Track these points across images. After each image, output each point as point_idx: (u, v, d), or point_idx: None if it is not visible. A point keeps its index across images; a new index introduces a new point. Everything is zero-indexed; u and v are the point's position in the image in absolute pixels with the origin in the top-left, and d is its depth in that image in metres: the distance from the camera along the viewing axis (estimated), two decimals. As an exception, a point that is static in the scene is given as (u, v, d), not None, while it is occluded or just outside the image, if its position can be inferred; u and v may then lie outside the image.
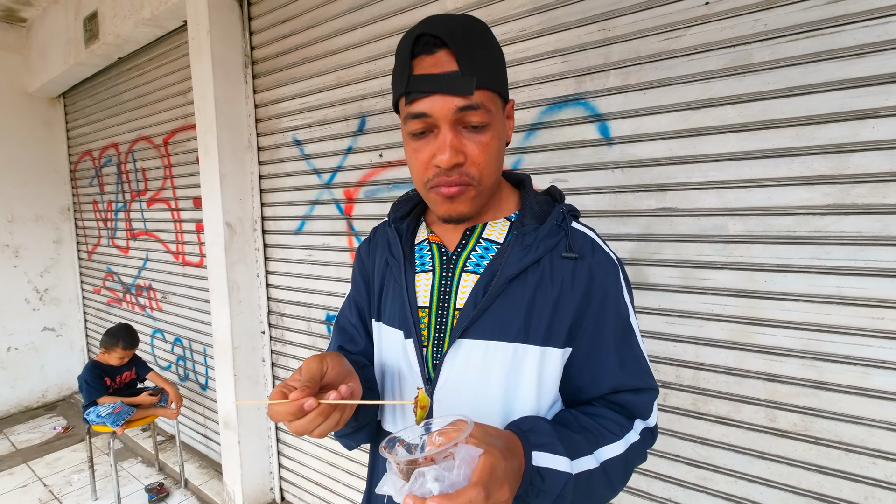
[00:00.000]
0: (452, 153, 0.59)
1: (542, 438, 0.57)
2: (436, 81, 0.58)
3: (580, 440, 0.61)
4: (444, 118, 0.59)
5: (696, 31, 1.13)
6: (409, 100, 0.61)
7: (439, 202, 0.64)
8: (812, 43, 1.01)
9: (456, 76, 0.57)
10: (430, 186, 0.63)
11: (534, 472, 0.53)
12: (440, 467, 0.45)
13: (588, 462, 0.60)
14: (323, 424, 0.54)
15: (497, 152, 0.63)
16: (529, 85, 1.40)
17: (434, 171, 0.62)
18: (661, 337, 1.24)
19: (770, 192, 1.08)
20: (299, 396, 0.51)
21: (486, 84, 0.60)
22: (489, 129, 0.61)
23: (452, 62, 0.58)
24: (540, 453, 0.55)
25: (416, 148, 0.63)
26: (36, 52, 3.60)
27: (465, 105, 0.58)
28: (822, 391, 1.07)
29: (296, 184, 2.16)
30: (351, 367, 0.63)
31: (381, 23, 1.74)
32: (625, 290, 0.69)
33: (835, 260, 1.03)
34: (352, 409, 0.58)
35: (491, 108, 0.60)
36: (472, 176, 0.61)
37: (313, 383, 0.54)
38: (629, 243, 1.27)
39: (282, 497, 2.49)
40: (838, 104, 0.99)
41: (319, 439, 2.19)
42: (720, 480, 1.20)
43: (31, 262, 3.91)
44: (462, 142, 0.60)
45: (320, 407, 0.52)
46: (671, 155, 1.19)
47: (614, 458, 0.62)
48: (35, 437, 3.37)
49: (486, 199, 0.66)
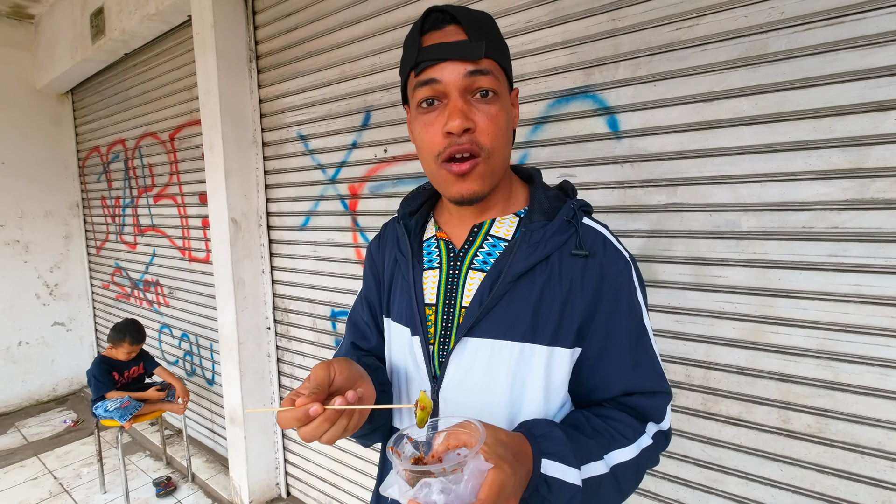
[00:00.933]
0: (463, 118, 0.59)
1: (554, 447, 0.55)
2: (445, 48, 0.59)
3: (592, 445, 0.59)
4: (453, 84, 0.59)
5: (709, 21, 1.09)
6: (418, 71, 0.61)
7: (451, 181, 0.63)
8: (831, 31, 0.97)
9: (465, 43, 0.59)
10: (443, 160, 0.61)
11: (541, 480, 0.52)
12: (447, 479, 0.44)
13: (597, 467, 0.58)
14: (330, 431, 0.53)
15: (506, 128, 0.63)
16: (536, 77, 1.36)
17: (446, 141, 0.60)
18: (671, 335, 1.21)
19: (785, 187, 1.05)
20: (305, 402, 0.51)
21: (494, 55, 0.61)
22: (497, 101, 0.61)
23: (461, 33, 0.60)
24: (550, 462, 0.54)
25: (427, 122, 0.62)
26: (44, 48, 3.62)
27: (474, 69, 0.59)
28: (838, 392, 1.03)
29: (300, 179, 2.15)
30: (362, 371, 0.62)
31: (386, 15, 1.71)
32: (638, 288, 0.67)
33: (853, 257, 0.99)
34: (362, 413, 0.58)
35: (499, 78, 0.62)
36: (482, 146, 0.61)
37: (321, 390, 0.53)
38: (639, 240, 1.24)
39: (287, 492, 2.49)
40: (858, 95, 0.95)
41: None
42: (731, 482, 1.18)
43: (41, 258, 3.95)
44: (472, 109, 0.60)
45: (326, 413, 0.51)
46: (682, 149, 1.16)
47: (625, 463, 0.60)
48: (46, 431, 3.41)
49: (496, 179, 0.65)
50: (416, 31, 0.62)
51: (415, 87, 0.62)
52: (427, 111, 0.62)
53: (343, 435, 0.55)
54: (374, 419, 0.67)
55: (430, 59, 0.59)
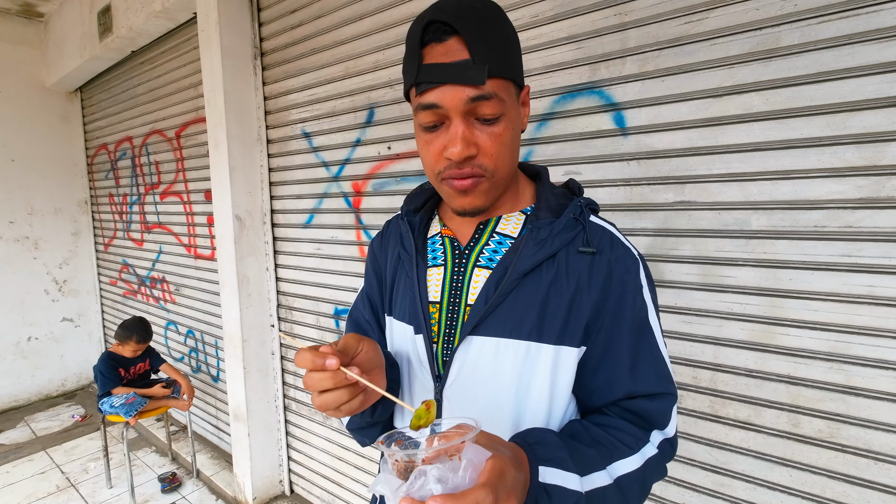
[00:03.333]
0: (464, 146, 0.56)
1: (550, 452, 0.53)
2: (446, 71, 0.55)
3: (592, 454, 0.57)
4: (455, 109, 0.56)
5: (719, 14, 1.06)
6: (419, 90, 0.58)
7: (452, 195, 0.62)
8: (846, 24, 0.94)
9: (467, 65, 0.54)
10: (442, 178, 0.61)
11: (540, 490, 0.50)
12: (444, 467, 0.42)
13: (600, 478, 0.56)
14: (341, 397, 0.52)
15: (511, 142, 0.60)
16: (542, 73, 1.34)
17: (446, 163, 0.59)
18: (678, 336, 1.19)
19: (797, 185, 1.02)
20: (329, 351, 0.50)
21: (500, 72, 0.56)
22: (503, 120, 0.58)
23: (464, 50, 0.55)
24: (547, 469, 0.51)
25: (428, 140, 0.60)
26: (53, 46, 3.65)
27: (476, 95, 0.55)
28: (850, 396, 1.00)
29: (304, 176, 2.15)
30: (382, 363, 0.62)
31: (390, 11, 1.69)
32: (645, 286, 0.64)
33: (867, 257, 0.96)
34: (366, 399, 0.56)
35: (504, 97, 0.57)
36: (486, 168, 0.59)
37: (345, 354, 0.53)
38: (645, 238, 1.21)
39: (291, 489, 2.50)
40: (875, 90, 0.92)
41: (328, 434, 2.20)
42: (738, 487, 1.15)
43: (51, 254, 3.99)
44: (474, 133, 0.57)
45: (338, 374, 0.50)
46: (691, 145, 1.13)
47: (630, 474, 0.58)
48: (54, 425, 3.45)
49: (500, 190, 0.64)
50: (417, 40, 0.57)
51: (416, 108, 0.60)
52: (429, 131, 0.60)
53: (348, 411, 0.53)
54: (375, 412, 0.66)
55: (430, 82, 0.56)
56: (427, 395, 0.68)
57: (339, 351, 0.52)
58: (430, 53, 0.57)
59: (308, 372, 0.51)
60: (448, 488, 0.41)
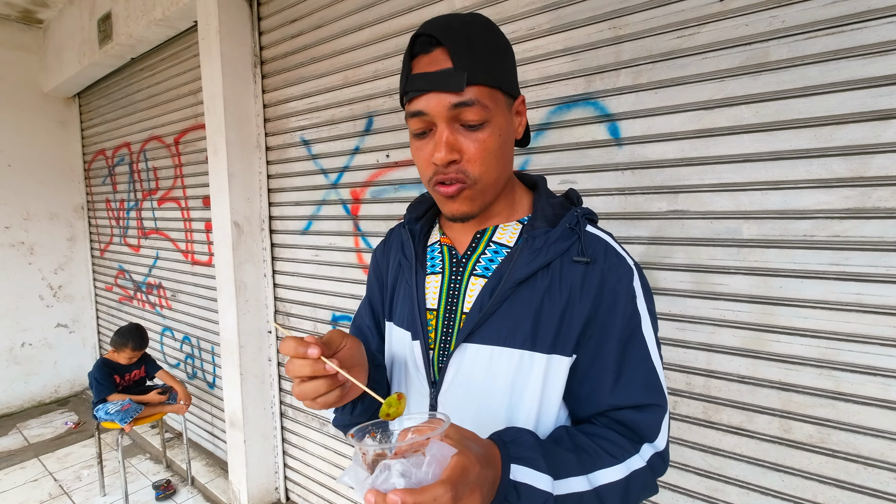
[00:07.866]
0: (447, 151, 0.59)
1: (523, 452, 0.54)
2: (430, 80, 0.58)
3: (570, 459, 0.57)
4: (439, 115, 0.59)
5: (710, 29, 1.10)
6: (407, 99, 0.61)
7: (442, 201, 0.65)
8: (832, 40, 0.97)
9: (448, 73, 0.57)
10: (433, 184, 0.63)
11: (510, 487, 0.50)
12: (408, 462, 0.43)
13: (578, 484, 0.56)
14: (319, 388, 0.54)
15: (498, 150, 0.62)
16: (538, 84, 1.37)
17: (433, 168, 0.61)
18: (671, 343, 1.21)
19: (787, 195, 1.04)
20: (312, 341, 0.53)
21: (483, 80, 0.58)
22: (487, 127, 0.60)
23: (447, 60, 0.58)
24: (519, 467, 0.52)
25: (419, 147, 0.63)
26: (52, 52, 3.66)
27: (458, 102, 0.57)
28: (840, 402, 1.02)
29: (303, 184, 2.16)
30: (364, 362, 0.63)
31: (389, 22, 1.72)
32: (639, 295, 0.64)
33: (855, 266, 0.99)
34: (347, 395, 0.58)
35: (489, 104, 0.59)
36: (469, 174, 0.61)
37: (327, 347, 0.55)
38: (639, 247, 1.24)
39: (287, 497, 2.48)
40: (859, 104, 0.95)
41: (325, 441, 2.19)
42: (732, 492, 1.17)
43: (46, 260, 3.97)
44: (458, 139, 0.60)
45: (318, 363, 0.52)
46: (683, 156, 1.16)
47: (612, 484, 0.57)
48: (47, 432, 3.42)
49: (490, 197, 0.65)
50: (408, 53, 0.61)
51: (406, 116, 0.63)
52: (419, 138, 0.63)
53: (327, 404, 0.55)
54: (355, 409, 0.67)
55: (416, 90, 0.59)
56: (423, 401, 0.69)
57: (323, 343, 0.54)
58: (417, 64, 0.60)
59: (290, 359, 0.53)
60: (411, 483, 0.42)
